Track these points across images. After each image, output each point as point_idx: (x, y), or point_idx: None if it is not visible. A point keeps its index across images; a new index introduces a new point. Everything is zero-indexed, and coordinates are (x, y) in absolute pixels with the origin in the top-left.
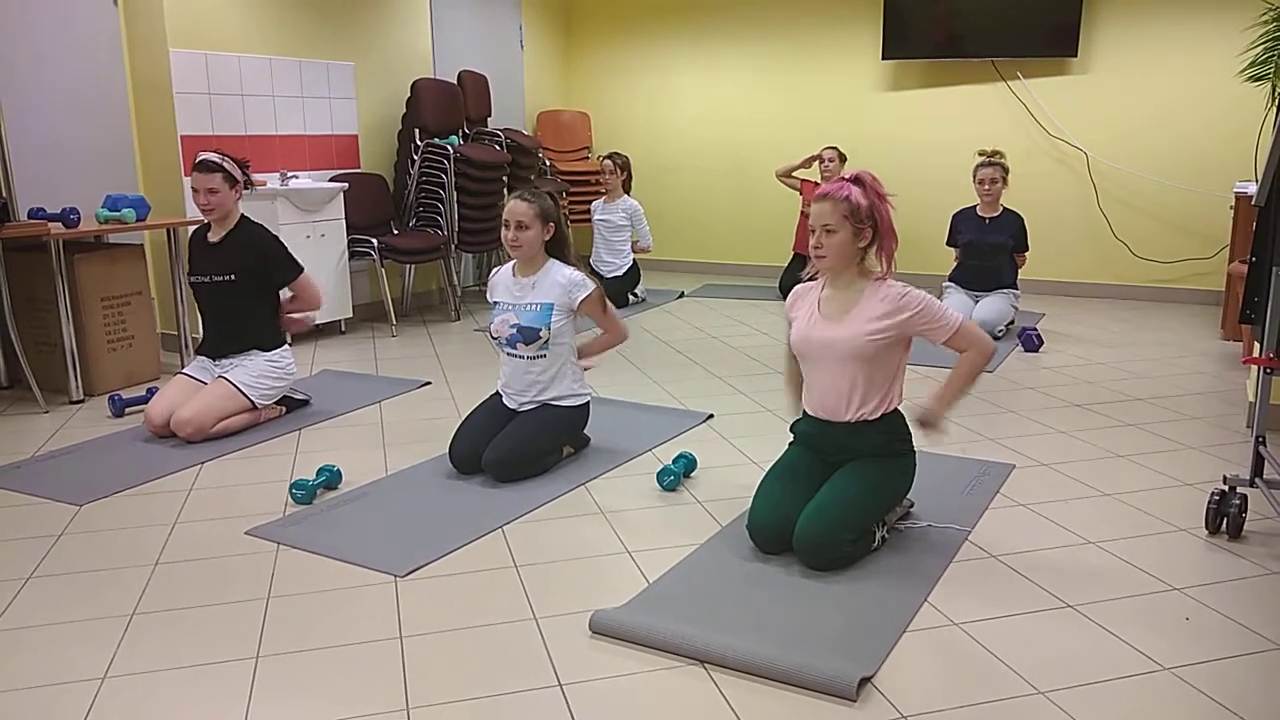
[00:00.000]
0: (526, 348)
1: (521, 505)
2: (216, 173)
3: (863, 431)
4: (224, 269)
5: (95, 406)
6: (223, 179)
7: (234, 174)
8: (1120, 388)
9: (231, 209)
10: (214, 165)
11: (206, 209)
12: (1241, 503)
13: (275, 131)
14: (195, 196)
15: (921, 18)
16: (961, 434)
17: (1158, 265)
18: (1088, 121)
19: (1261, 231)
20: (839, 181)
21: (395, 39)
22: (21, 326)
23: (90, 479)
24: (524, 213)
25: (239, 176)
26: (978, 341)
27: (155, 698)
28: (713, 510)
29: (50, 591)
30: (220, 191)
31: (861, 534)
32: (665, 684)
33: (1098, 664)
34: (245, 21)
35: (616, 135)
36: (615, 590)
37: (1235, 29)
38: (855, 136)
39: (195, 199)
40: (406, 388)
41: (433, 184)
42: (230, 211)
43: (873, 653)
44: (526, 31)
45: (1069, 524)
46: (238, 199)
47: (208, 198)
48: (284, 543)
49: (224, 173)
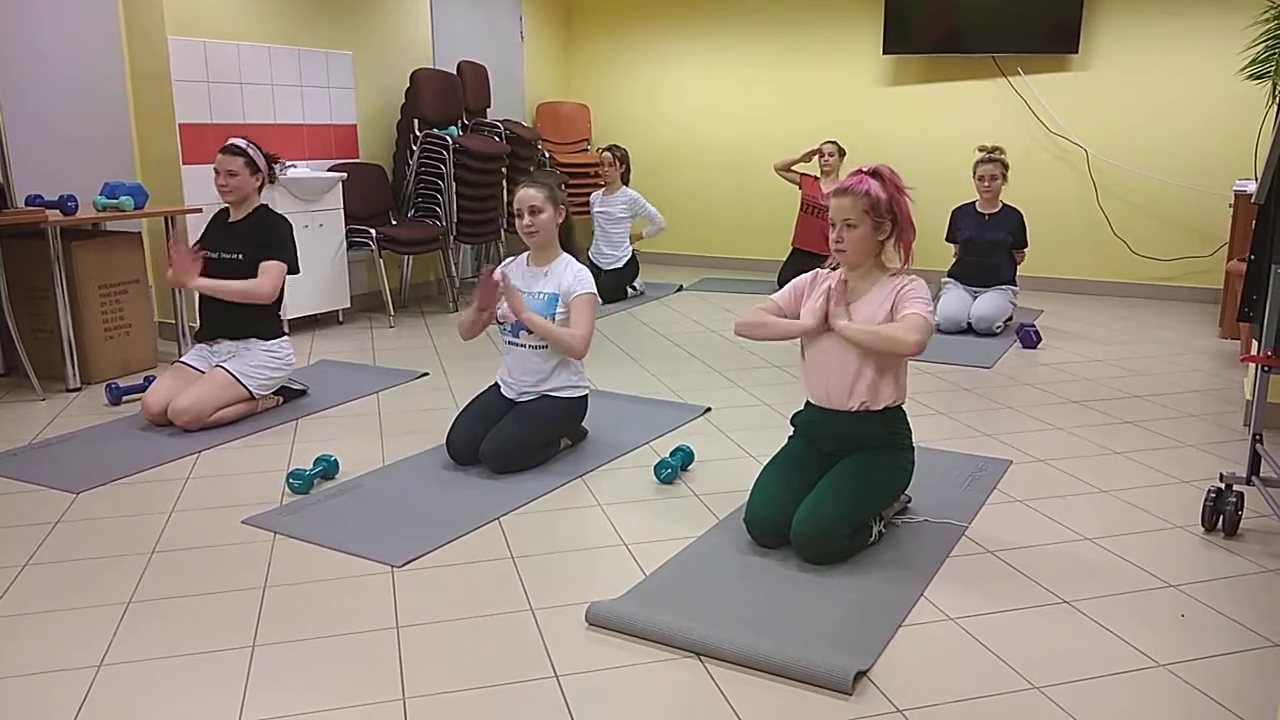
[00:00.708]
0: (530, 336)
1: (519, 497)
2: (240, 157)
3: (864, 422)
4: (234, 248)
5: (92, 394)
6: (245, 164)
7: (257, 162)
8: (1118, 385)
9: (250, 194)
10: (238, 149)
11: (224, 189)
12: (1238, 500)
13: (274, 120)
14: (215, 177)
15: (923, 13)
16: (959, 429)
17: (1157, 263)
18: (1088, 118)
19: (1261, 230)
20: (858, 175)
21: (395, 29)
22: (18, 314)
23: (87, 467)
24: (536, 197)
25: (262, 166)
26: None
27: (151, 686)
28: (710, 503)
29: (46, 579)
30: (240, 175)
31: (859, 528)
32: (661, 676)
33: (1093, 660)
34: (244, 10)
35: (616, 128)
36: (612, 582)
37: (1236, 27)
38: (855, 131)
39: (215, 179)
40: (404, 378)
41: (431, 175)
42: (249, 196)
43: (869, 646)
44: (526, 22)
45: (1065, 520)
46: (258, 186)
47: (226, 179)
48: (281, 532)
49: (247, 158)
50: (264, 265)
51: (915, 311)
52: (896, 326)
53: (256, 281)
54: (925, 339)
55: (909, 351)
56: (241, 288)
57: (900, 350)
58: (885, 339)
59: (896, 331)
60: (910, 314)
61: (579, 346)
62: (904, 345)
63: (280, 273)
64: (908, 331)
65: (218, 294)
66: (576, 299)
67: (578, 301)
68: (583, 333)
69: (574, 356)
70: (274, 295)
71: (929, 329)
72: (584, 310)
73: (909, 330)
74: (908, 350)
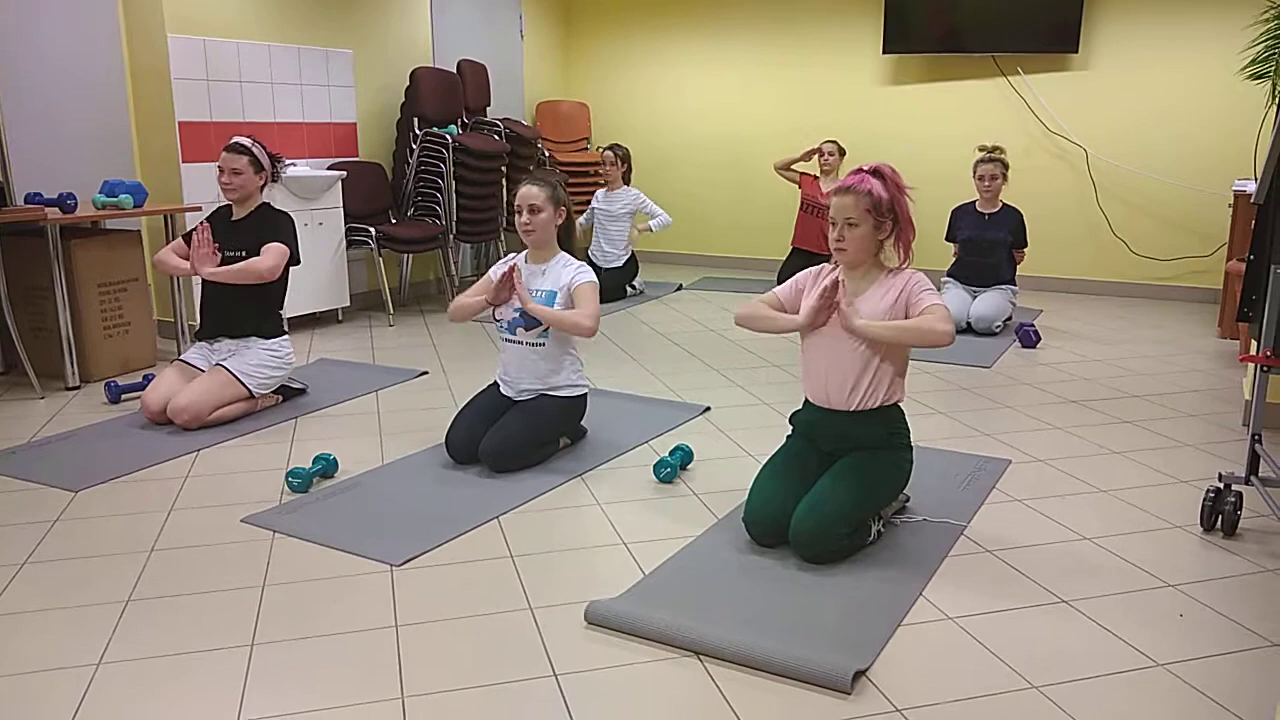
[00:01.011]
0: (527, 333)
1: (518, 496)
2: (244, 155)
3: (863, 421)
4: (238, 246)
5: (91, 393)
6: (249, 162)
7: (261, 161)
8: (1117, 385)
9: (253, 193)
10: (243, 148)
11: (227, 187)
12: (1236, 500)
13: (273, 119)
14: (219, 175)
15: (922, 12)
16: (958, 429)
17: (1156, 263)
18: (1088, 118)
19: (1260, 230)
20: (859, 174)
21: (394, 27)
22: (18, 312)
23: (86, 465)
24: (536, 196)
25: (266, 165)
26: (942, 321)
27: (149, 685)
28: (709, 502)
29: (45, 577)
30: (244, 174)
31: (857, 527)
32: (660, 675)
33: (1092, 659)
34: (244, 8)
35: (616, 127)
36: (611, 581)
37: (1236, 27)
38: (855, 131)
39: (219, 177)
40: (403, 377)
41: (431, 173)
42: (252, 194)
43: (868, 646)
44: (526, 21)
45: (1064, 520)
46: (261, 185)
47: (231, 177)
48: (280, 531)
49: (251, 156)
50: (267, 246)
51: (937, 303)
52: (927, 319)
53: (257, 259)
54: (949, 320)
55: (945, 341)
56: (242, 266)
57: (937, 341)
58: (919, 332)
59: (929, 323)
60: (934, 305)
61: (587, 323)
62: (940, 335)
63: (282, 253)
64: (940, 321)
65: (222, 279)
66: (578, 287)
67: (580, 290)
68: (589, 310)
69: (584, 335)
70: (276, 272)
71: (944, 305)
72: (587, 296)
73: (941, 320)
74: (944, 340)
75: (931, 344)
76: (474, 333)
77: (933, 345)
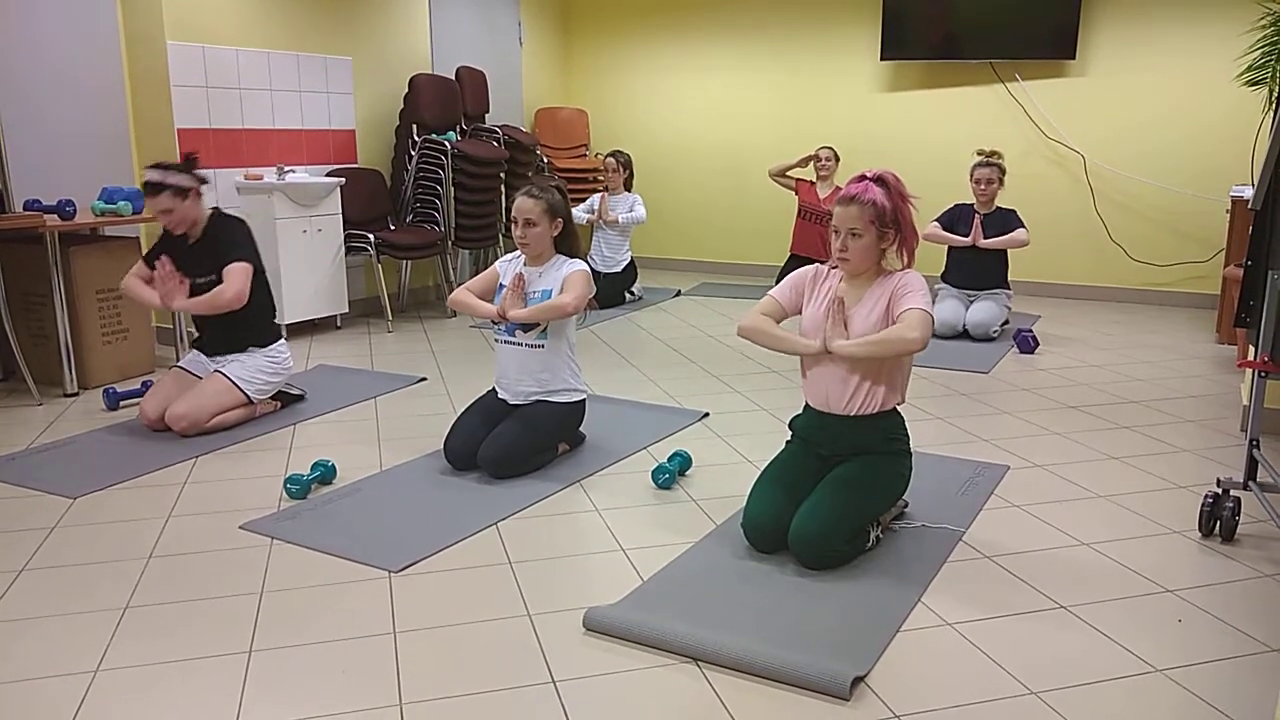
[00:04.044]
0: (525, 335)
1: (516, 502)
2: (161, 192)
3: (862, 426)
4: (202, 270)
5: (89, 399)
6: (171, 195)
7: (181, 184)
8: (1115, 390)
9: (195, 215)
10: (156, 187)
11: (169, 225)
12: (1235, 506)
13: (272, 125)
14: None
15: (920, 19)
16: (956, 434)
17: (1154, 268)
18: (1085, 124)
19: (1258, 235)
20: (862, 183)
21: (394, 34)
22: (16, 319)
23: (84, 472)
24: (531, 209)
25: (189, 182)
26: (911, 329)
27: (148, 691)
28: (707, 508)
29: (44, 584)
30: (174, 209)
31: (856, 533)
32: (658, 682)
33: (1090, 665)
34: (243, 15)
35: (614, 133)
36: (609, 588)
37: (1233, 33)
38: (853, 137)
39: (159, 220)
40: (402, 384)
41: (430, 180)
42: (196, 217)
43: (866, 652)
44: (525, 28)
45: (1063, 525)
46: (199, 200)
47: (165, 217)
48: (278, 537)
49: (170, 188)
50: (228, 269)
51: (912, 307)
52: (896, 328)
53: (220, 288)
54: (927, 333)
55: (915, 349)
56: (210, 298)
57: (907, 349)
58: (887, 344)
59: (897, 333)
60: (907, 311)
61: (569, 301)
62: (908, 344)
63: (245, 273)
64: (906, 329)
65: (194, 311)
66: (569, 276)
67: (570, 277)
68: (575, 293)
69: (565, 313)
70: (243, 297)
71: (927, 322)
72: (575, 281)
73: (907, 328)
74: (913, 348)
75: (901, 353)
76: (472, 339)
77: (904, 354)
